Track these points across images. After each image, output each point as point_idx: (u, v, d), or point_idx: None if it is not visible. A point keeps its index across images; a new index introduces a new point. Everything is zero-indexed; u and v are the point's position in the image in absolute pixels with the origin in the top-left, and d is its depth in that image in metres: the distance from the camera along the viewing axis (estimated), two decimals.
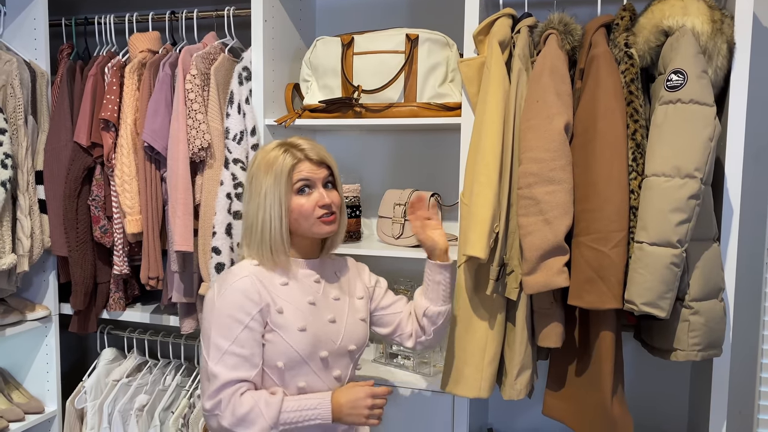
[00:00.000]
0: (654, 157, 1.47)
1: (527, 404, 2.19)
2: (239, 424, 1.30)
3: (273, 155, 1.39)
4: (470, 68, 1.76)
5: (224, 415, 1.30)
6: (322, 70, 2.01)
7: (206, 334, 1.35)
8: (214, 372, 1.31)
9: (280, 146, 1.41)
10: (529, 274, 1.56)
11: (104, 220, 2.15)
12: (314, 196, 1.40)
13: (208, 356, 1.33)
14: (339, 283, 1.53)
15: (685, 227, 1.42)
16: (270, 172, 1.37)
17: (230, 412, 1.30)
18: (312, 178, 1.40)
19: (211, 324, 1.34)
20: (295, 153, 1.39)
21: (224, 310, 1.33)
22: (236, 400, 1.31)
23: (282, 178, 1.37)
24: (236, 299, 1.33)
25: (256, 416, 1.31)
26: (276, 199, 1.37)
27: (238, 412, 1.30)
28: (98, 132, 2.09)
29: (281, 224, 1.38)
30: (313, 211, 1.39)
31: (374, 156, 2.30)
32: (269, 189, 1.37)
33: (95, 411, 2.25)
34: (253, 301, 1.34)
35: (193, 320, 2.10)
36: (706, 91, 1.45)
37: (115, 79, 2.08)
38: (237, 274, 1.37)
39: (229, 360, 1.31)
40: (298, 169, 1.39)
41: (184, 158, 1.94)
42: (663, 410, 2.08)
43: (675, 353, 1.54)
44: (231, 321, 1.32)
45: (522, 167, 1.58)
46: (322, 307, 1.45)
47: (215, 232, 1.92)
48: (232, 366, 1.32)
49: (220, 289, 1.36)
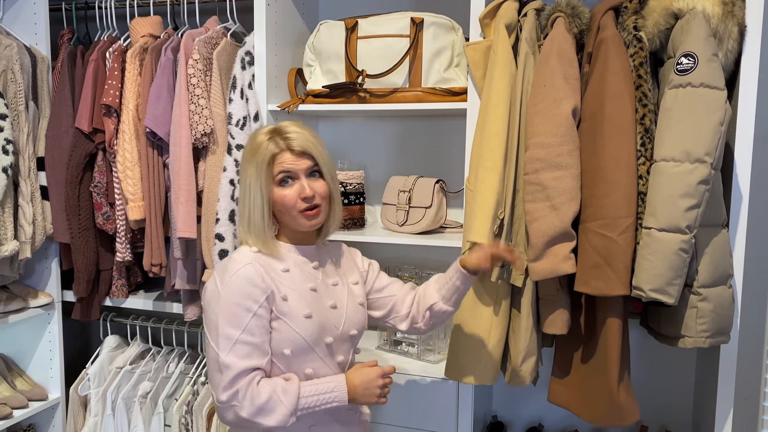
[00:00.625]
0: (663, 142, 1.45)
1: (532, 391, 2.19)
2: (259, 413, 1.28)
3: (258, 141, 1.36)
4: (476, 52, 1.73)
5: (243, 406, 1.28)
6: (326, 55, 1.98)
7: (213, 325, 1.31)
8: (227, 362, 1.28)
9: (268, 132, 1.38)
10: (535, 261, 1.55)
11: (106, 206, 2.13)
12: (296, 188, 1.36)
13: (217, 347, 1.29)
14: (336, 268, 1.51)
15: (694, 213, 1.40)
16: (252, 160, 1.35)
17: (249, 402, 1.28)
18: (293, 169, 1.35)
19: (217, 314, 1.30)
20: (278, 142, 1.35)
21: (231, 298, 1.30)
22: (253, 389, 1.29)
23: (262, 168, 1.34)
24: (242, 287, 1.31)
25: (275, 404, 1.29)
26: (257, 189, 1.35)
27: (257, 402, 1.28)
28: (100, 118, 2.07)
29: (262, 214, 1.36)
30: (295, 204, 1.36)
31: (378, 142, 2.28)
32: (252, 178, 1.35)
33: (99, 398, 2.24)
34: (259, 288, 1.32)
35: (196, 307, 2.09)
36: (717, 75, 1.43)
37: (117, 64, 2.06)
38: (239, 261, 1.34)
39: (240, 349, 1.29)
40: (279, 160, 1.35)
41: (187, 144, 1.92)
42: (668, 397, 2.07)
43: (683, 340, 1.52)
44: (239, 309, 1.30)
45: (528, 152, 1.56)
46: (323, 293, 1.44)
47: (218, 219, 1.91)
48: (245, 355, 1.29)
49: (223, 277, 1.33)
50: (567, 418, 2.17)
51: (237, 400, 1.28)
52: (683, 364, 2.04)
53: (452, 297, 1.51)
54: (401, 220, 2.01)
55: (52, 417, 2.35)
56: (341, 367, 1.46)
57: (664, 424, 2.08)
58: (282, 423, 1.30)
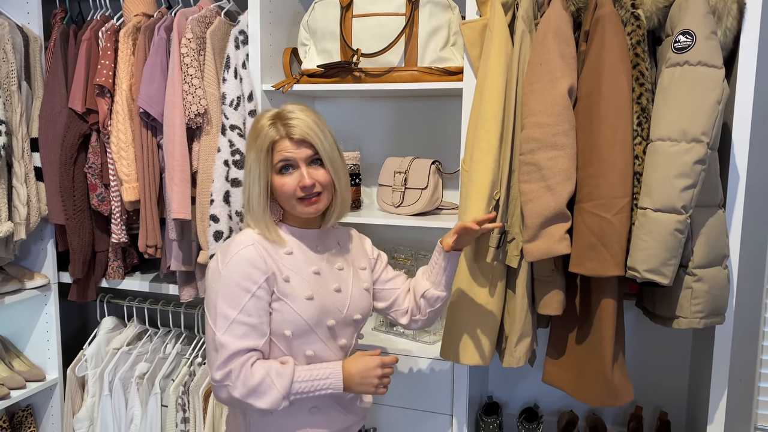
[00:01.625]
0: (659, 121, 1.43)
1: (527, 372, 2.20)
2: (250, 394, 1.29)
3: (260, 126, 1.35)
4: (472, 31, 1.71)
5: (235, 386, 1.28)
6: (321, 34, 1.96)
7: (212, 304, 1.32)
8: (222, 342, 1.28)
9: (271, 117, 1.36)
10: (530, 242, 1.54)
11: (101, 187, 2.13)
12: (295, 176, 1.35)
13: (215, 326, 1.29)
14: (342, 253, 1.51)
15: (690, 193, 1.39)
16: (254, 145, 1.35)
17: (241, 383, 1.28)
18: (293, 158, 1.34)
19: (217, 293, 1.30)
20: (279, 128, 1.34)
21: (231, 278, 1.30)
22: (247, 370, 1.29)
23: (262, 154, 1.34)
24: (243, 268, 1.30)
25: (267, 387, 1.29)
26: (257, 175, 1.35)
27: (250, 383, 1.28)
28: (93, 98, 2.06)
29: (259, 200, 1.36)
30: (293, 192, 1.35)
31: (374, 123, 2.26)
32: (253, 164, 1.36)
33: (96, 379, 2.25)
34: (259, 270, 1.31)
35: (192, 288, 2.09)
36: (715, 53, 1.41)
37: (110, 43, 2.04)
38: (241, 242, 1.34)
39: (237, 329, 1.29)
40: (278, 148, 1.34)
41: (181, 124, 1.90)
42: (664, 377, 2.08)
43: (677, 321, 1.52)
44: (238, 290, 1.29)
45: (524, 132, 1.55)
46: (327, 276, 1.43)
47: (213, 200, 1.90)
48: (241, 335, 1.29)
49: (224, 257, 1.33)
50: (562, 399, 2.17)
51: (230, 380, 1.28)
52: (679, 345, 2.04)
53: (441, 280, 1.54)
54: (397, 202, 2.00)
55: (50, 398, 2.36)
56: (344, 351, 1.46)
57: (659, 405, 2.09)
58: (274, 406, 1.30)
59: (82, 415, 2.24)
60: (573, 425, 2.02)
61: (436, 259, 1.54)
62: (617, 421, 2.15)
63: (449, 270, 1.54)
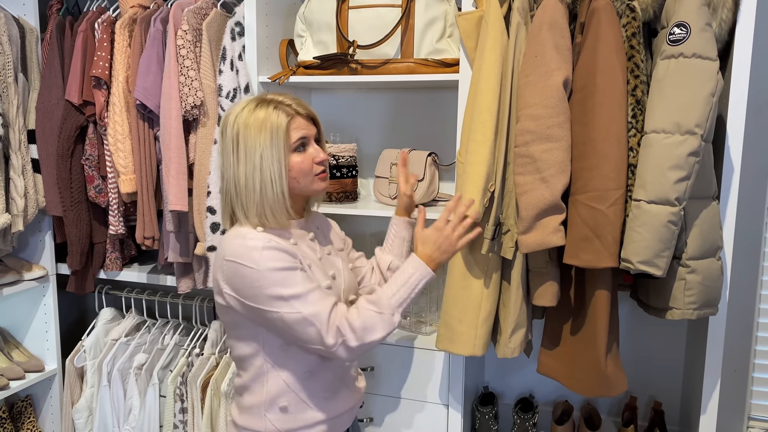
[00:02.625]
0: (654, 113, 1.44)
1: (523, 363, 2.21)
2: (364, 334, 1.29)
3: (261, 114, 1.32)
4: (468, 22, 1.71)
5: (347, 337, 1.29)
6: (317, 25, 1.96)
7: (274, 298, 1.27)
8: (312, 312, 1.27)
9: (263, 103, 1.34)
10: (524, 233, 1.55)
11: (98, 179, 2.13)
12: (310, 153, 1.37)
13: (294, 309, 1.27)
14: (325, 238, 1.53)
15: (683, 185, 1.40)
16: (263, 130, 1.31)
17: (350, 330, 1.29)
18: (307, 135, 1.36)
19: (272, 286, 1.27)
20: (286, 109, 1.34)
21: (273, 267, 1.27)
22: (347, 317, 1.30)
23: (280, 136, 1.31)
24: (276, 255, 1.28)
25: (371, 318, 1.31)
26: (275, 158, 1.31)
27: (356, 325, 1.29)
28: (90, 90, 2.06)
29: (282, 184, 1.32)
30: (311, 168, 1.36)
31: (371, 115, 2.26)
32: (266, 149, 1.30)
33: (95, 369, 2.27)
34: (290, 253, 1.31)
35: (189, 280, 2.10)
36: (710, 45, 1.41)
37: (106, 35, 2.03)
38: (256, 238, 1.29)
39: (312, 296, 1.28)
40: (294, 125, 1.34)
41: (177, 116, 1.91)
42: (659, 368, 2.09)
43: (670, 312, 1.53)
44: (286, 273, 1.28)
45: (519, 124, 1.55)
46: (325, 263, 1.45)
47: (210, 192, 1.91)
48: (319, 299, 1.29)
49: (251, 257, 1.27)
50: (558, 389, 2.19)
51: (341, 335, 1.29)
52: (674, 335, 2.06)
53: (403, 249, 1.64)
54: (394, 193, 2.00)
55: (49, 388, 2.38)
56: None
57: (653, 395, 2.10)
58: (389, 328, 1.33)
59: (81, 405, 2.26)
60: (568, 415, 2.03)
61: (396, 232, 1.64)
62: (612, 411, 2.16)
63: (408, 239, 1.65)
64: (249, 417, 1.40)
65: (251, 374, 1.38)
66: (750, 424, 2.08)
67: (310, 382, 1.38)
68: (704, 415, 1.70)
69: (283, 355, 1.35)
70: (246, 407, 1.41)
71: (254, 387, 1.39)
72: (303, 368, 1.37)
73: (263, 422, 1.39)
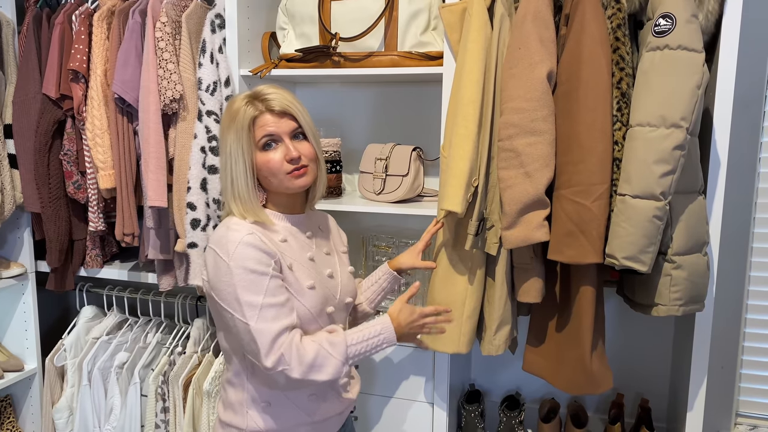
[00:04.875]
0: (639, 106, 1.41)
1: (509, 360, 2.19)
2: (310, 371, 1.24)
3: (236, 107, 1.30)
4: (452, 14, 1.68)
5: (292, 367, 1.23)
6: (299, 18, 1.92)
7: (231, 298, 1.24)
8: (259, 329, 1.23)
9: (245, 97, 1.32)
10: (508, 229, 1.52)
11: (77, 175, 2.09)
12: (281, 150, 1.31)
13: (245, 318, 1.23)
14: (325, 237, 1.49)
15: (669, 179, 1.37)
16: (232, 126, 1.30)
17: (297, 362, 1.24)
18: (276, 132, 1.31)
19: (233, 286, 1.24)
20: (257, 105, 1.30)
21: (243, 266, 1.24)
22: (299, 348, 1.25)
23: (243, 133, 1.29)
24: (251, 253, 1.24)
25: (324, 358, 1.26)
26: (239, 155, 1.29)
27: (306, 360, 1.24)
28: (67, 83, 2.01)
29: (247, 181, 1.30)
30: (281, 167, 1.31)
31: (355, 109, 2.23)
32: (232, 145, 1.29)
33: (75, 368, 2.23)
34: (268, 253, 1.26)
35: (170, 277, 2.06)
36: (695, 37, 1.39)
37: (84, 27, 1.99)
38: (239, 230, 1.27)
39: (267, 313, 1.23)
40: (260, 123, 1.30)
41: (156, 110, 1.87)
42: (646, 365, 2.07)
43: (656, 308, 1.51)
44: (255, 276, 1.24)
45: (503, 118, 1.52)
46: (320, 262, 1.41)
47: (190, 187, 1.87)
48: (273, 317, 1.24)
49: (226, 249, 1.25)
50: (544, 387, 2.17)
51: (284, 363, 1.23)
52: (661, 332, 2.04)
53: (376, 299, 1.60)
54: (378, 189, 1.97)
55: (29, 388, 2.33)
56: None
57: (640, 392, 2.08)
58: (336, 375, 1.27)
59: (62, 405, 2.22)
60: (554, 413, 2.01)
61: (378, 278, 1.60)
62: (599, 409, 2.14)
63: (388, 292, 1.61)
64: (232, 413, 1.38)
65: (235, 369, 1.36)
66: (737, 420, 2.06)
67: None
68: (691, 412, 1.68)
69: None
70: (230, 403, 1.38)
71: (237, 382, 1.36)
72: None
73: (245, 419, 1.36)
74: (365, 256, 2.12)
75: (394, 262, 1.61)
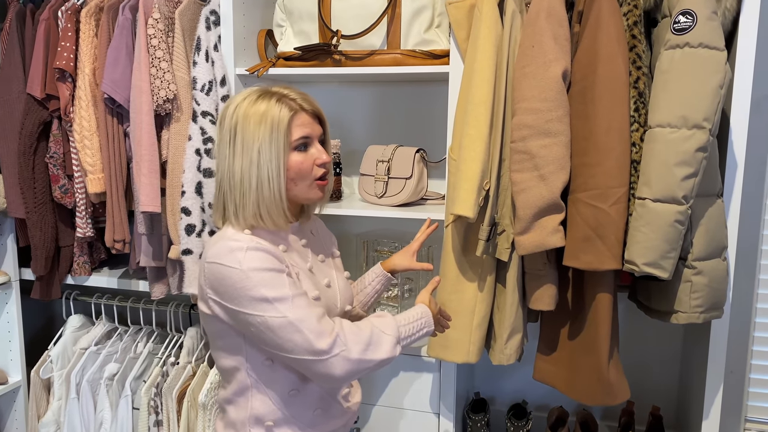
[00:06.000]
0: (659, 107, 1.36)
1: (514, 368, 2.13)
2: (368, 348, 1.18)
3: (263, 106, 1.20)
4: (459, 11, 1.62)
5: (349, 347, 1.16)
6: (298, 14, 1.85)
7: (258, 300, 1.15)
8: (299, 316, 1.14)
9: (265, 95, 1.23)
10: (522, 234, 1.46)
11: (64, 179, 1.99)
12: (312, 153, 1.24)
13: (280, 312, 1.14)
14: (319, 243, 1.41)
15: (691, 182, 1.32)
16: (263, 124, 1.19)
17: (354, 341, 1.17)
18: (311, 134, 1.24)
19: (255, 287, 1.14)
20: (290, 103, 1.22)
21: (259, 267, 1.15)
22: (350, 327, 1.19)
23: (280, 131, 1.19)
24: (261, 255, 1.17)
25: (379, 336, 1.20)
26: (273, 155, 1.19)
27: (363, 337, 1.18)
28: (53, 83, 1.92)
29: (279, 183, 1.21)
30: (311, 171, 1.24)
31: (356, 109, 2.16)
32: (264, 143, 1.19)
33: (62, 381, 2.13)
34: (277, 257, 1.19)
35: (163, 285, 1.98)
36: (717, 34, 1.34)
37: (70, 24, 1.90)
38: (239, 240, 1.18)
39: (301, 301, 1.16)
40: (297, 122, 1.22)
41: (148, 111, 1.78)
42: (653, 372, 2.03)
43: (676, 315, 1.46)
44: (272, 273, 1.16)
45: (516, 119, 1.46)
46: (318, 272, 1.33)
47: (184, 192, 1.79)
48: (307, 304, 1.17)
49: (234, 257, 1.16)
50: (550, 395, 2.12)
51: (341, 344, 1.16)
52: (670, 338, 1.99)
53: (369, 302, 1.53)
54: (380, 192, 1.91)
55: (13, 401, 2.24)
56: None
57: (648, 399, 2.04)
58: (392, 353, 1.22)
59: (48, 419, 2.12)
60: (563, 421, 1.96)
61: (371, 281, 1.52)
62: (607, 416, 2.09)
63: (381, 294, 1.55)
64: None
65: (235, 388, 1.27)
66: (746, 426, 2.03)
67: (297, 399, 1.27)
68: (707, 420, 1.64)
69: (267, 371, 1.24)
70: (230, 422, 1.30)
71: (239, 402, 1.28)
72: (289, 385, 1.26)
73: None
74: (366, 261, 2.05)
75: (388, 263, 1.53)
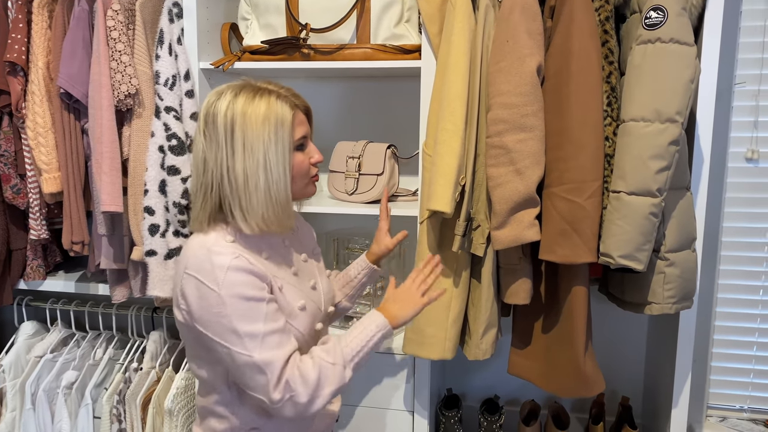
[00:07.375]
0: (632, 101, 1.38)
1: (485, 362, 2.14)
2: (316, 389, 1.13)
3: (263, 104, 1.15)
4: (431, 5, 1.60)
5: (298, 392, 1.11)
6: (263, 7, 1.80)
7: (228, 330, 1.10)
8: (267, 359, 1.10)
9: (261, 92, 1.16)
10: (498, 228, 1.46)
11: (16, 178, 1.89)
12: (309, 152, 1.22)
13: (246, 350, 1.10)
14: (300, 241, 1.36)
15: (665, 175, 1.35)
16: (267, 123, 1.14)
17: (302, 385, 1.12)
18: (307, 132, 1.22)
19: (228, 317, 1.10)
20: (289, 100, 1.18)
21: (237, 294, 1.10)
22: (300, 369, 1.13)
23: (285, 130, 1.15)
24: (243, 278, 1.11)
25: (325, 370, 1.14)
26: (281, 155, 1.15)
27: (311, 379, 1.12)
28: (3, 77, 1.81)
29: (286, 184, 1.16)
30: (309, 170, 1.22)
31: (324, 104, 2.12)
32: (271, 144, 1.14)
33: (16, 391, 2.02)
34: (260, 276, 1.13)
35: (125, 288, 1.90)
36: (687, 30, 1.37)
37: (21, 15, 1.80)
38: (223, 253, 1.12)
39: (271, 340, 1.11)
40: (298, 121, 1.19)
41: (109, 106, 1.70)
42: (621, 362, 2.07)
43: (649, 306, 1.48)
44: (251, 303, 1.11)
45: (491, 113, 1.46)
46: (302, 274, 1.29)
47: (147, 190, 1.72)
48: (277, 344, 1.12)
49: (213, 277, 1.10)
50: (520, 389, 2.13)
51: (290, 390, 1.11)
52: (635, 328, 2.03)
53: (357, 294, 1.51)
54: (351, 189, 1.88)
55: None
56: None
57: (616, 389, 2.07)
58: (342, 382, 1.16)
59: None
60: (535, 415, 1.97)
61: (357, 274, 1.48)
62: (577, 408, 2.12)
63: (366, 286, 1.51)
64: None
65: (216, 399, 1.22)
66: (708, 413, 2.08)
67: None
68: (676, 409, 1.67)
69: None
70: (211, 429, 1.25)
71: (221, 412, 1.22)
72: None
73: None
74: (337, 259, 2.02)
75: (371, 254, 1.49)
